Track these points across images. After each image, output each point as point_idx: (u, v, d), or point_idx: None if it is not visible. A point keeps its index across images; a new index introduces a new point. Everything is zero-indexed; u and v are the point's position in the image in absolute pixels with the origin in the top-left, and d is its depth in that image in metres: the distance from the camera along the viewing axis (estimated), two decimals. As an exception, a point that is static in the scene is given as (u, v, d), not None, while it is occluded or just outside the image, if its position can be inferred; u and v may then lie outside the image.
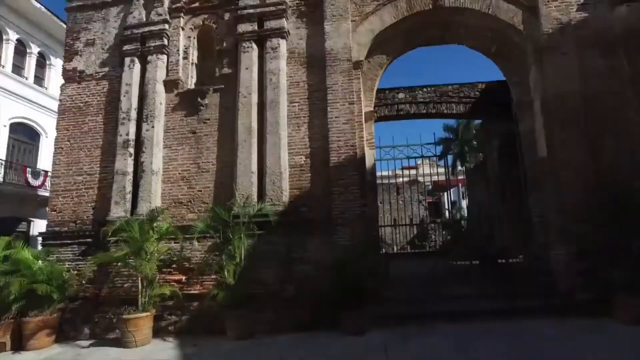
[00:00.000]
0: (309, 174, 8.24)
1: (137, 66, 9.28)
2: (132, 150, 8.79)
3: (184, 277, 7.84)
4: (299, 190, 8.21)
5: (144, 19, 9.53)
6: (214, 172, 8.61)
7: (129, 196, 8.57)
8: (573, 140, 7.75)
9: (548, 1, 8.25)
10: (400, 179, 17.17)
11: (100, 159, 8.99)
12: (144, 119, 8.89)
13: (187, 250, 7.99)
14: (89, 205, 8.82)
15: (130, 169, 8.72)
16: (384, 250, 12.51)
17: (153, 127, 8.81)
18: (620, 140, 7.78)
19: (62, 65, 9.99)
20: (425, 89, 11.88)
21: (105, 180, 8.83)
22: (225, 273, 7.17)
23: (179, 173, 8.76)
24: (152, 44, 9.27)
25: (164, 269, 7.76)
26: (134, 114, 8.99)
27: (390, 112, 11.57)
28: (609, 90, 8.01)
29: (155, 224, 7.81)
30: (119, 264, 7.74)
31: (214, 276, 7.56)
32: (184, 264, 7.94)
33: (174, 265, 7.95)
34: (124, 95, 9.09)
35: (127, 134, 8.83)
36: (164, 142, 8.92)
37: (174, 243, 8.02)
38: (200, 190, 8.58)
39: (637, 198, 6.89)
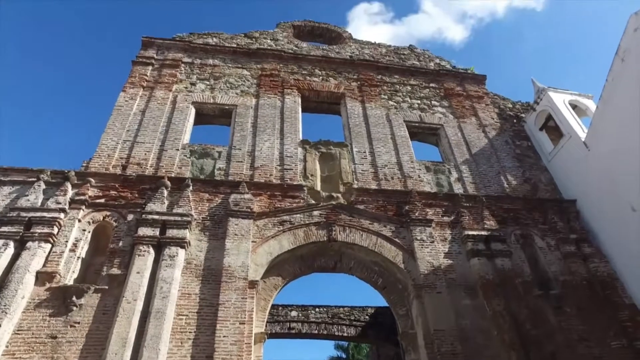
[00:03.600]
0: (183, 402, 7.14)
1: (10, 251, 8.28)
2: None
3: None
4: (167, 422, 6.92)
5: (39, 204, 9.10)
6: (62, 392, 7.04)
7: None
8: (455, 376, 8.04)
9: (422, 247, 9.76)
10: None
11: None
12: (-9, 315, 7.43)
13: None
14: None
15: None
16: None
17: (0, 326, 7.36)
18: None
19: None
20: (317, 309, 12.14)
21: None
22: None
23: (10, 394, 6.96)
24: (39, 231, 8.60)
25: None
26: (-23, 307, 7.50)
27: (282, 330, 11.32)
28: (478, 328, 8.87)
29: None
30: None
31: None
32: None
33: None
34: (-26, 284, 7.76)
35: (-49, 336, 7.07)
36: (6, 347, 7.22)
37: None
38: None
39: None
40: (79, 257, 8.77)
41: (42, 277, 8.16)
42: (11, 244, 8.34)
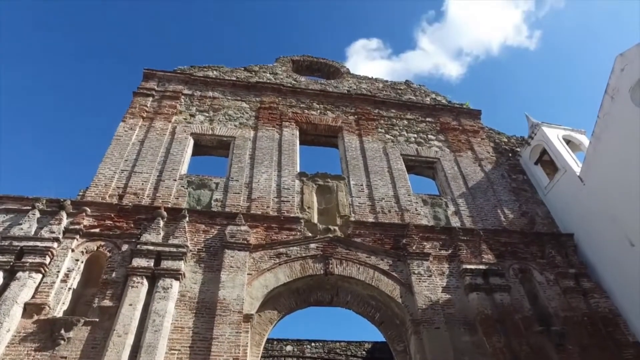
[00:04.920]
0: None
1: (-2, 282, 8.12)
2: None
3: None
4: None
5: (32, 233, 8.95)
6: None
7: None
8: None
9: (420, 281, 9.61)
10: None
11: None
12: (-31, 352, 7.13)
13: None
14: None
15: None
16: None
17: (-19, 362, 7.05)
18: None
19: None
20: (313, 344, 11.82)
21: None
22: None
23: None
24: (30, 260, 8.41)
25: None
26: (-47, 341, 7.19)
27: (276, 366, 10.93)
28: (479, 366, 8.62)
29: None
30: None
31: None
32: None
33: None
34: (-47, 319, 7.45)
35: None
36: (-14, 385, 7.01)
37: None
38: None
39: None
40: (70, 288, 8.56)
41: (30, 309, 7.92)
42: (0, 273, 8.14)
